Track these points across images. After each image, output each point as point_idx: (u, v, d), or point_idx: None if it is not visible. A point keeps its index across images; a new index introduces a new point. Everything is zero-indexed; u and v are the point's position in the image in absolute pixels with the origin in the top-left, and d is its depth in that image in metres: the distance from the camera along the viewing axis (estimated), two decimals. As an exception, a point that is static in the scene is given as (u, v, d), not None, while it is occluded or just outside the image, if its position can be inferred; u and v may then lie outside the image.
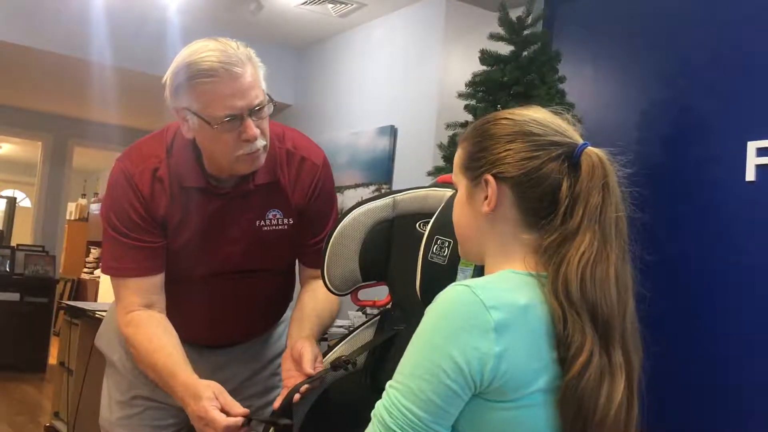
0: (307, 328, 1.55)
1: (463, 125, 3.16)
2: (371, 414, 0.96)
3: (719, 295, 2.75)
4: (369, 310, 3.10)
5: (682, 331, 2.81)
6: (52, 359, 6.08)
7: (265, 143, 1.48)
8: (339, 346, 1.53)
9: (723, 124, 2.81)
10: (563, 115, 1.08)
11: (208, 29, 3.47)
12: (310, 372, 1.41)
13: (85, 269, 8.86)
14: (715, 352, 2.73)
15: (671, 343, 2.78)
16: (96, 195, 9.73)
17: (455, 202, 1.12)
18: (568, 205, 1.00)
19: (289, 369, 1.45)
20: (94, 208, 8.80)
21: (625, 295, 0.99)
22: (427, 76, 4.00)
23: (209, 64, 1.39)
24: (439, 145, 3.37)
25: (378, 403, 0.96)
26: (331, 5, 4.29)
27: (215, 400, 1.34)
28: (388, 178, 4.17)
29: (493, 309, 0.92)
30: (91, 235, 8.82)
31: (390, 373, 0.97)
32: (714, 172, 2.81)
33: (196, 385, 1.38)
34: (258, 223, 1.59)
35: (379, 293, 1.59)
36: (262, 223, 1.59)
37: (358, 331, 1.54)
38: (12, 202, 9.90)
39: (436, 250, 1.31)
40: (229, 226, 1.58)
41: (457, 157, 1.11)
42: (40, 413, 5.06)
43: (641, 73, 3.18)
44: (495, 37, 3.16)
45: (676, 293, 2.83)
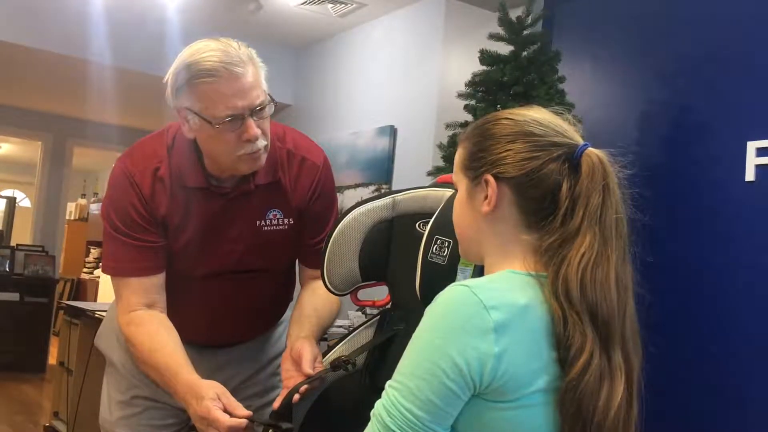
0: (306, 328, 1.55)
1: (462, 125, 3.16)
2: (370, 414, 0.96)
3: (719, 295, 2.75)
4: (369, 310, 3.10)
5: (682, 331, 2.81)
6: (52, 359, 6.08)
7: (266, 143, 1.48)
8: (339, 346, 1.53)
9: (723, 124, 2.81)
10: (564, 116, 1.08)
11: (208, 29, 3.48)
12: (310, 372, 1.41)
13: (85, 269, 8.86)
14: (715, 353, 2.72)
15: (671, 343, 2.77)
16: (95, 195, 9.74)
17: (455, 201, 1.12)
18: (568, 206, 1.00)
19: (288, 369, 1.45)
20: (94, 208, 8.80)
21: (625, 296, 0.99)
22: (426, 76, 4.00)
23: (210, 64, 1.39)
24: (439, 145, 3.37)
25: (377, 402, 0.96)
26: (331, 5, 4.29)
27: (218, 401, 1.33)
28: (388, 178, 4.17)
29: (492, 309, 0.92)
30: (90, 235, 8.83)
31: (389, 373, 0.97)
32: (714, 172, 2.81)
33: (199, 385, 1.38)
34: (258, 223, 1.59)
35: (378, 293, 1.59)
36: (263, 223, 1.59)
37: (357, 331, 1.54)
38: (12, 202, 9.90)
39: (436, 250, 1.31)
40: (230, 226, 1.58)
41: (458, 157, 1.11)
42: (40, 413, 5.06)
43: (641, 73, 3.18)
44: (495, 37, 3.16)
45: (676, 293, 2.82)
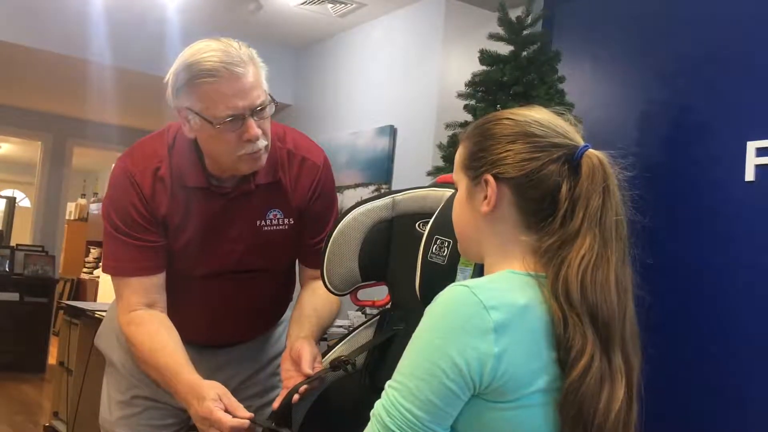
0: (306, 329, 1.55)
1: (462, 125, 3.16)
2: (370, 414, 0.96)
3: (719, 295, 2.75)
4: (368, 310, 3.10)
5: (682, 331, 2.80)
6: (52, 359, 6.08)
7: (266, 143, 1.48)
8: (338, 346, 1.53)
9: (722, 124, 2.81)
10: (565, 116, 1.08)
11: (208, 29, 3.48)
12: (309, 372, 1.41)
13: (85, 269, 8.86)
14: (715, 353, 2.72)
15: (671, 344, 2.78)
16: (95, 195, 9.73)
17: (455, 200, 1.12)
18: (567, 207, 1.00)
19: (288, 369, 1.45)
20: (94, 208, 8.79)
21: (624, 298, 0.99)
22: (426, 76, 3.99)
23: (211, 64, 1.39)
24: (439, 145, 3.37)
25: (377, 403, 0.96)
26: (331, 5, 4.29)
27: (219, 402, 1.33)
28: (388, 178, 4.17)
29: (492, 309, 0.92)
30: (90, 235, 8.82)
31: (389, 373, 0.97)
32: (713, 172, 2.81)
33: (200, 386, 1.38)
34: (258, 223, 1.59)
35: (378, 293, 1.59)
36: (263, 223, 1.59)
37: (357, 331, 1.54)
38: (11, 202, 9.90)
39: (436, 249, 1.31)
40: (230, 226, 1.58)
41: (458, 156, 1.11)
42: (40, 413, 5.06)
43: (641, 73, 3.18)
44: (494, 37, 3.16)
45: (676, 293, 2.82)
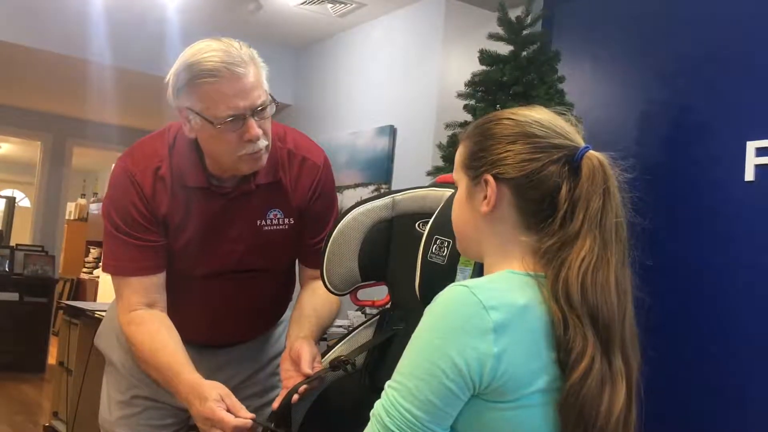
0: (306, 328, 1.55)
1: (462, 125, 3.16)
2: (370, 414, 0.96)
3: (719, 295, 2.74)
4: (368, 310, 3.10)
5: (682, 332, 2.80)
6: (52, 359, 6.07)
7: (267, 143, 1.48)
8: (338, 346, 1.53)
9: (722, 124, 2.81)
10: (566, 116, 1.07)
11: (208, 29, 3.48)
12: (309, 372, 1.41)
13: (85, 269, 8.85)
14: (715, 353, 2.72)
15: (671, 344, 2.77)
16: (95, 195, 9.73)
17: (455, 199, 1.12)
18: (567, 208, 0.99)
19: (288, 369, 1.45)
20: (94, 207, 8.79)
21: (624, 299, 0.99)
22: (426, 76, 3.99)
23: (212, 64, 1.39)
24: (439, 145, 3.37)
25: (377, 403, 0.96)
26: (331, 5, 4.29)
27: (222, 402, 1.34)
28: (388, 177, 4.17)
29: (492, 309, 0.92)
30: (90, 235, 8.81)
31: (389, 373, 0.97)
32: (713, 172, 2.81)
33: (202, 386, 1.38)
34: (259, 223, 1.59)
35: (378, 293, 1.59)
36: (263, 223, 1.59)
37: (357, 331, 1.54)
38: (11, 202, 9.89)
39: (436, 249, 1.31)
40: (230, 226, 1.58)
41: (458, 155, 1.11)
42: (40, 413, 5.06)
43: (640, 73, 3.18)
44: (494, 37, 3.16)
45: (676, 293, 2.82)
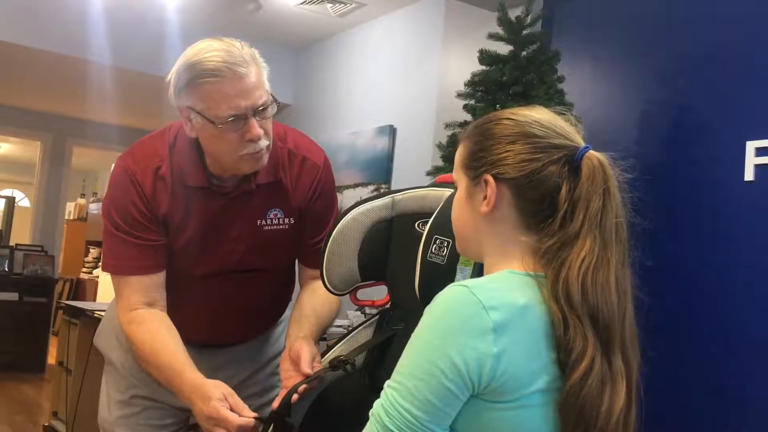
0: (305, 328, 1.55)
1: (462, 125, 3.16)
2: (369, 413, 0.96)
3: (719, 295, 2.74)
4: (368, 310, 3.10)
5: (682, 331, 2.80)
6: (51, 359, 6.07)
7: (268, 143, 1.48)
8: (338, 345, 1.53)
9: (722, 123, 2.81)
10: (566, 116, 1.07)
11: (207, 29, 3.48)
12: (308, 372, 1.41)
13: (84, 269, 8.85)
14: (715, 353, 2.72)
15: (671, 344, 2.77)
16: (95, 195, 9.73)
17: (455, 199, 1.12)
18: (567, 208, 0.99)
19: (287, 369, 1.45)
20: (93, 207, 8.78)
21: (624, 299, 0.99)
22: (426, 75, 3.99)
23: (214, 64, 1.39)
24: (438, 145, 3.37)
25: (376, 402, 0.96)
26: (330, 5, 4.29)
27: (225, 401, 1.34)
28: (387, 177, 4.17)
29: (491, 309, 0.91)
30: (90, 235, 8.81)
31: (388, 373, 0.97)
32: (713, 172, 2.81)
33: (205, 385, 1.38)
34: (259, 223, 1.59)
35: (378, 293, 1.59)
36: (263, 223, 1.60)
37: (357, 330, 1.54)
38: (11, 202, 9.89)
39: (435, 249, 1.31)
40: (230, 226, 1.58)
41: (458, 155, 1.11)
42: (39, 413, 5.06)
43: (640, 73, 3.18)
44: (494, 36, 3.16)
45: (676, 293, 2.82)
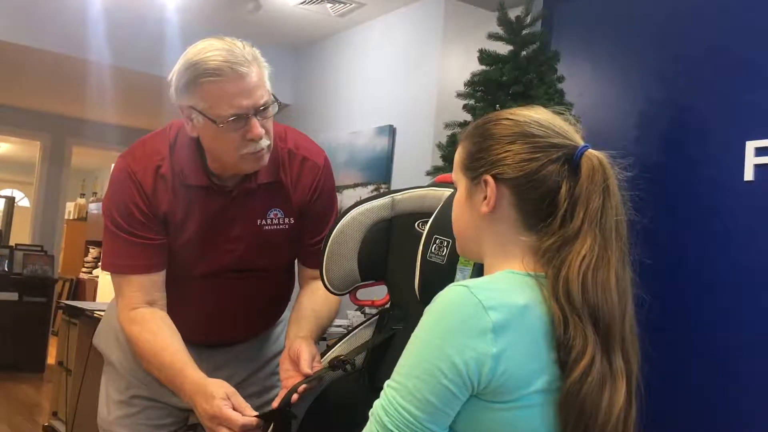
0: (305, 328, 1.55)
1: (461, 125, 3.16)
2: (369, 413, 0.96)
3: (718, 295, 2.74)
4: (368, 310, 3.10)
5: (682, 332, 2.80)
6: (51, 359, 6.07)
7: (269, 143, 1.49)
8: (338, 345, 1.53)
9: (721, 123, 2.80)
10: (565, 116, 1.07)
11: (207, 29, 3.47)
12: (308, 372, 1.41)
13: (84, 269, 8.85)
14: (715, 353, 2.72)
15: (671, 344, 2.77)
16: (95, 194, 9.73)
17: (455, 200, 1.12)
18: (567, 207, 0.99)
19: (287, 369, 1.45)
20: (93, 207, 8.78)
21: (624, 298, 0.99)
22: (425, 75, 3.99)
23: (216, 63, 1.40)
24: (438, 145, 3.37)
25: (376, 402, 0.96)
26: (330, 5, 4.29)
27: (228, 401, 1.34)
28: (387, 177, 4.17)
29: (491, 310, 0.91)
30: (89, 235, 8.81)
31: (388, 373, 0.97)
32: (713, 172, 2.80)
33: (207, 384, 1.38)
34: (259, 222, 1.60)
35: (377, 293, 1.58)
36: (264, 222, 1.60)
37: (356, 330, 1.54)
38: (10, 202, 9.89)
39: (435, 249, 1.31)
40: (231, 225, 1.58)
41: (458, 156, 1.11)
42: (39, 413, 5.06)
43: (640, 73, 3.18)
44: (494, 36, 3.16)
45: (675, 293, 2.82)
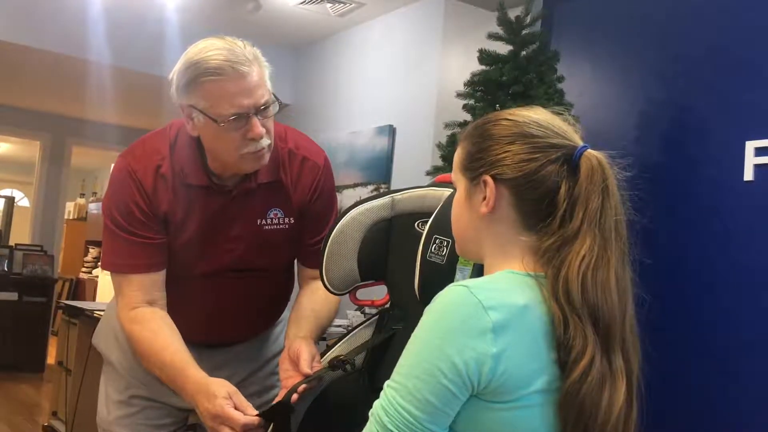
0: (304, 328, 1.55)
1: (461, 125, 3.16)
2: (369, 413, 0.96)
3: (718, 295, 2.74)
4: (367, 310, 3.10)
5: (682, 332, 2.80)
6: (51, 359, 6.07)
7: (269, 142, 1.49)
8: (337, 345, 1.53)
9: (721, 123, 2.80)
10: (564, 116, 1.07)
11: (207, 29, 3.48)
12: (308, 372, 1.41)
13: (84, 269, 8.84)
14: (715, 353, 2.72)
15: (670, 344, 2.77)
16: (94, 194, 9.73)
17: (454, 201, 1.12)
18: (566, 208, 0.99)
19: (287, 369, 1.45)
20: (93, 207, 8.78)
21: (624, 298, 0.99)
22: (425, 75, 3.99)
23: (217, 62, 1.40)
24: (438, 145, 3.37)
25: (376, 402, 0.96)
26: (330, 5, 4.28)
27: (230, 400, 1.34)
28: (387, 177, 4.17)
29: (491, 310, 0.91)
30: (89, 235, 8.81)
31: (388, 373, 0.97)
32: (712, 172, 2.80)
33: (209, 384, 1.38)
34: (259, 222, 1.60)
35: (377, 293, 1.58)
36: (264, 222, 1.60)
37: (356, 330, 1.54)
38: (10, 202, 9.89)
39: (435, 249, 1.31)
40: (231, 224, 1.58)
41: (457, 156, 1.11)
42: (39, 413, 5.06)
43: (640, 73, 3.18)
44: (493, 36, 3.16)
45: (675, 293, 2.82)
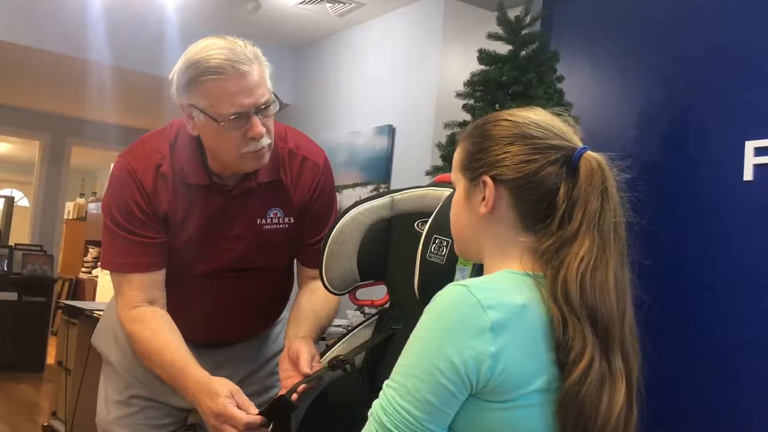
0: (304, 328, 1.55)
1: (461, 125, 3.16)
2: (368, 413, 0.96)
3: (718, 295, 2.74)
4: (367, 310, 3.10)
5: (682, 332, 2.80)
6: (50, 359, 6.07)
7: (270, 141, 1.49)
8: (337, 345, 1.53)
9: (721, 123, 2.80)
10: (564, 116, 1.08)
11: (207, 29, 3.47)
12: (308, 372, 1.41)
13: (83, 268, 8.84)
14: (715, 353, 2.72)
15: (670, 344, 2.77)
16: (94, 194, 9.73)
17: (453, 201, 1.12)
18: (565, 209, 1.00)
19: (287, 369, 1.45)
20: (93, 207, 8.79)
21: (623, 299, 0.99)
22: (425, 75, 3.99)
23: (217, 61, 1.40)
24: (438, 145, 3.37)
25: (375, 402, 0.96)
26: (329, 5, 4.29)
27: (232, 399, 1.34)
28: (387, 177, 4.17)
29: (490, 309, 0.91)
30: (89, 235, 8.81)
31: (388, 373, 0.97)
32: (712, 172, 2.80)
33: (211, 383, 1.38)
34: (259, 222, 1.60)
35: (377, 292, 1.59)
36: (263, 222, 1.60)
37: (356, 330, 1.54)
38: (10, 202, 9.89)
39: (434, 249, 1.31)
40: (231, 224, 1.58)
41: (456, 157, 1.11)
42: (38, 413, 5.06)
43: (639, 73, 3.18)
44: (493, 36, 3.16)
45: (675, 293, 2.82)
